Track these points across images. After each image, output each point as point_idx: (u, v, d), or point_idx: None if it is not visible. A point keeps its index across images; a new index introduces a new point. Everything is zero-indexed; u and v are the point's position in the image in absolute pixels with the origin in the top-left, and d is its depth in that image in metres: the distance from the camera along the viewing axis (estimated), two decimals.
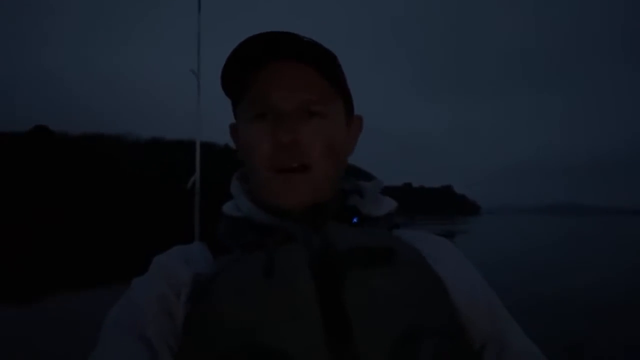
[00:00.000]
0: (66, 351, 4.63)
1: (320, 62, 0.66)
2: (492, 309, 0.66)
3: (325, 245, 0.58)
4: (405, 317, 0.53)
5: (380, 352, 0.50)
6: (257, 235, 0.63)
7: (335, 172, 0.69)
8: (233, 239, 0.67)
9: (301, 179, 0.65)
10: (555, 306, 7.67)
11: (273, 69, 0.65)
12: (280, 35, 0.63)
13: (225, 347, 0.51)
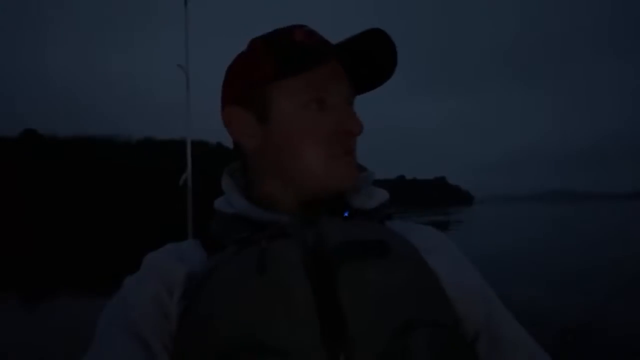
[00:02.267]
0: (60, 350, 4.62)
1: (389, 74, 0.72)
2: (485, 300, 0.67)
3: (318, 239, 0.57)
4: (400, 310, 0.53)
5: (376, 347, 0.50)
6: (250, 231, 0.62)
7: None
8: (226, 235, 0.66)
9: (354, 163, 0.70)
10: (549, 292, 7.71)
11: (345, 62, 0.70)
12: (390, 43, 0.67)
13: (219, 346, 0.51)
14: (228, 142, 0.76)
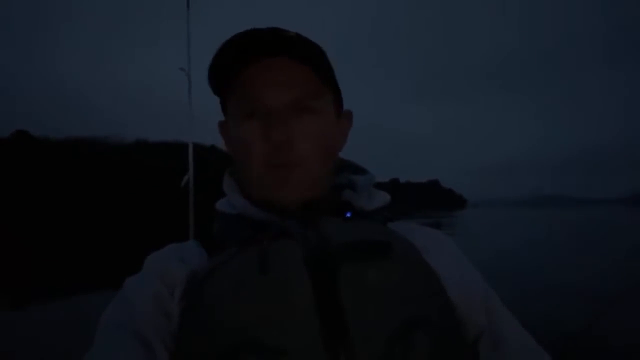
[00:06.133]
0: (59, 352, 4.58)
1: (308, 56, 0.65)
2: (487, 302, 0.67)
3: (319, 240, 0.57)
4: (401, 311, 0.53)
5: (376, 347, 0.50)
6: (251, 231, 0.62)
7: (328, 167, 0.70)
8: (228, 235, 0.66)
9: (295, 173, 0.65)
10: (545, 297, 7.69)
11: (261, 65, 0.65)
12: (266, 32, 0.62)
13: (221, 345, 0.51)
14: (221, 145, 0.78)
